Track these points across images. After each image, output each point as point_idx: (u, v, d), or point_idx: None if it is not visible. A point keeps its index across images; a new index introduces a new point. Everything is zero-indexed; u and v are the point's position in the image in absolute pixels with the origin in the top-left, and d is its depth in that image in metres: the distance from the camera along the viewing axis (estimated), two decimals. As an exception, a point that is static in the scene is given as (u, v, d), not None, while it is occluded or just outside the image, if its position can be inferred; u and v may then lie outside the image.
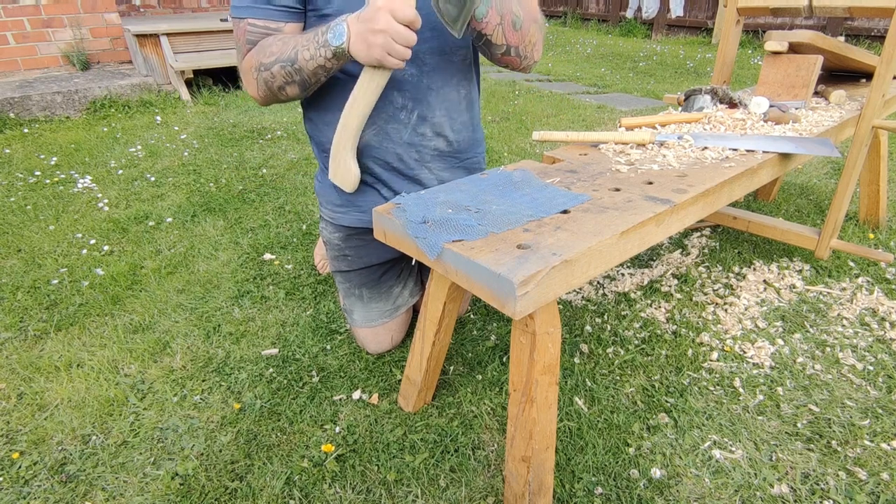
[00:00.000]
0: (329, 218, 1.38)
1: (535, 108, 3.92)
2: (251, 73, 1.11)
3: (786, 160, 1.30)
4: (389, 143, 1.23)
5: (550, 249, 0.82)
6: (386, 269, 1.45)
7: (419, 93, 1.19)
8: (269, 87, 1.11)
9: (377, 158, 1.25)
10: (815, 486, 1.09)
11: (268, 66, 1.07)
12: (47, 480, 1.14)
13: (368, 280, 1.43)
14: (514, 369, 0.93)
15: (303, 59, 1.03)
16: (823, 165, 2.70)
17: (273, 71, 1.07)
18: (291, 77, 1.06)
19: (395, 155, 1.25)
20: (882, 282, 1.73)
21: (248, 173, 2.79)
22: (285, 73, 1.06)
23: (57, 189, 2.60)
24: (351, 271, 1.43)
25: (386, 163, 1.25)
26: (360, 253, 1.39)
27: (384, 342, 1.46)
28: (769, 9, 1.64)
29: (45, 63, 4.24)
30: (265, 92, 1.13)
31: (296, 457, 1.18)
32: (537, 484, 0.98)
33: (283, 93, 1.11)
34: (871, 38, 5.42)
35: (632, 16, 7.81)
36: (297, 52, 1.03)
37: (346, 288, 1.45)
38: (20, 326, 1.62)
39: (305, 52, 1.02)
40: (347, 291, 1.45)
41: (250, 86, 1.14)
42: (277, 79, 1.08)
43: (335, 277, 1.48)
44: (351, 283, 1.44)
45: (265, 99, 1.16)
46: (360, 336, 1.47)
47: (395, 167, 1.27)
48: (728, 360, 1.44)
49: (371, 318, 1.43)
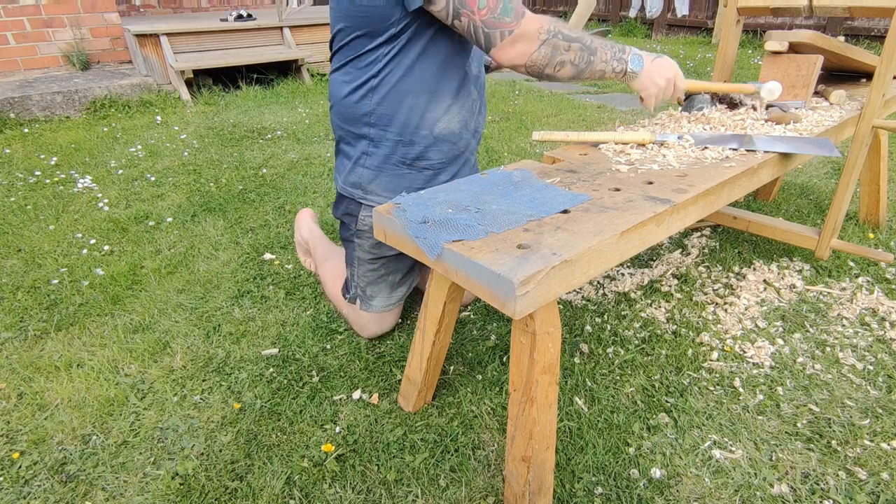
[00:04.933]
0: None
1: (535, 108, 3.92)
2: (538, 36, 1.13)
3: (786, 160, 1.30)
4: (465, 132, 1.39)
5: (550, 249, 0.82)
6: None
7: (480, 87, 1.40)
8: (553, 56, 1.15)
9: (454, 145, 1.37)
10: (815, 485, 1.09)
11: (569, 38, 1.15)
12: (47, 480, 1.14)
13: (402, 266, 1.49)
14: (514, 369, 0.93)
15: (599, 60, 1.19)
16: (823, 165, 2.70)
17: (572, 46, 1.16)
18: (580, 61, 1.17)
19: (465, 142, 1.41)
20: (882, 282, 1.73)
21: (248, 173, 2.79)
22: (580, 55, 1.17)
23: (57, 189, 2.60)
24: (390, 257, 1.46)
25: (458, 148, 1.39)
26: None
27: (386, 324, 1.54)
28: (769, 9, 1.64)
29: (45, 63, 4.24)
30: (544, 57, 1.15)
31: (296, 457, 1.18)
32: (537, 484, 0.98)
33: (558, 67, 1.17)
34: (871, 38, 5.42)
35: (634, 15, 7.80)
36: (597, 49, 1.18)
37: (379, 275, 1.48)
38: (20, 326, 1.62)
39: (604, 54, 1.19)
40: (380, 278, 1.48)
41: (529, 45, 1.14)
42: (569, 54, 1.16)
43: (363, 267, 1.48)
44: (388, 269, 1.48)
45: (535, 62, 1.16)
46: (364, 320, 1.51)
47: (461, 153, 1.41)
48: (728, 359, 1.44)
49: (391, 303, 1.51)
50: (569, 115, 3.71)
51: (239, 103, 4.17)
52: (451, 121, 1.32)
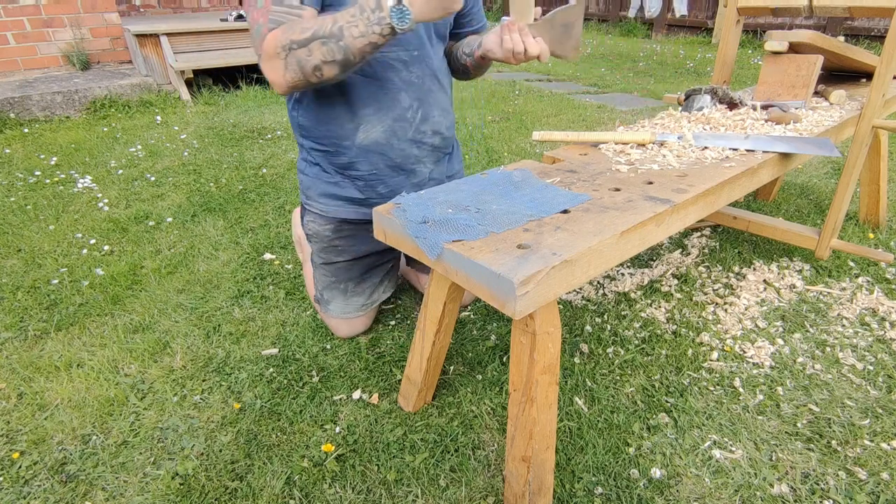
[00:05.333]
0: (321, 211, 1.41)
1: (535, 108, 3.92)
2: (278, 56, 1.03)
3: (786, 160, 1.30)
4: (396, 141, 1.32)
5: (550, 249, 0.82)
6: (372, 266, 1.50)
7: (422, 93, 1.30)
8: (303, 68, 1.03)
9: (383, 155, 1.32)
10: (815, 485, 1.09)
11: (303, 42, 1.01)
12: (47, 480, 1.14)
13: (355, 275, 1.48)
14: (514, 369, 0.93)
15: (352, 38, 0.98)
16: (823, 165, 2.70)
17: (311, 48, 1.01)
18: (333, 55, 1.01)
19: (399, 151, 1.34)
20: (882, 282, 1.73)
21: (248, 173, 2.78)
22: (327, 50, 1.00)
23: (57, 189, 2.60)
24: (339, 264, 1.46)
25: (390, 159, 1.34)
26: (350, 243, 1.44)
27: (356, 328, 1.54)
28: (769, 9, 1.64)
29: (45, 63, 4.24)
30: (295, 74, 1.05)
31: (296, 457, 1.18)
32: (537, 484, 0.98)
33: (318, 73, 1.04)
34: (871, 38, 5.42)
35: (633, 15, 7.80)
36: (343, 30, 0.98)
37: (330, 281, 1.49)
38: (20, 326, 1.62)
39: (354, 29, 0.98)
40: (331, 284, 1.49)
41: (275, 69, 1.05)
42: (315, 56, 1.01)
43: (318, 270, 1.51)
44: (337, 277, 1.48)
45: (292, 82, 1.07)
46: (332, 323, 1.53)
47: (397, 163, 1.35)
48: (728, 359, 1.44)
49: (347, 310, 1.50)
50: (569, 115, 3.71)
51: (239, 103, 4.17)
52: (372, 131, 1.27)
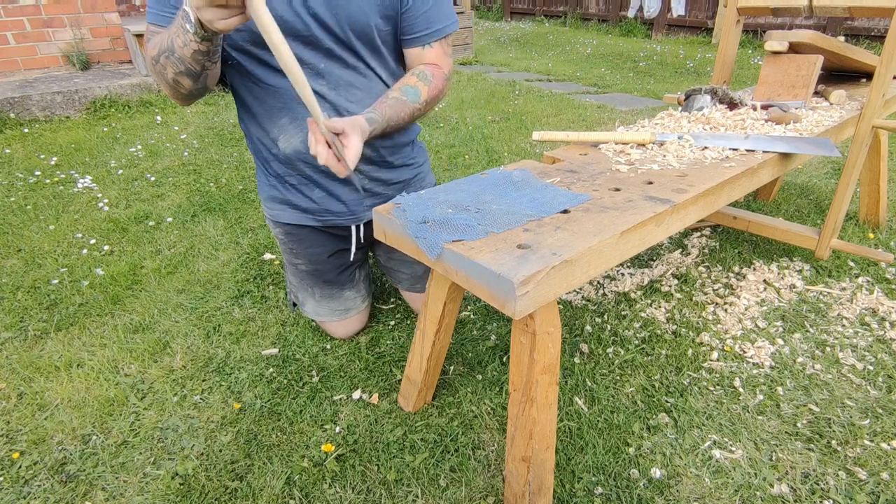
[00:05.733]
0: (269, 216, 1.44)
1: (535, 108, 3.92)
2: (153, 66, 1.07)
3: (786, 160, 1.30)
4: None
5: (550, 249, 0.82)
6: (335, 269, 1.50)
7: (336, 104, 1.22)
8: (166, 81, 1.06)
9: (307, 162, 1.29)
10: (815, 485, 1.09)
11: (155, 58, 1.04)
12: (47, 480, 1.14)
13: (319, 280, 1.49)
14: (514, 369, 0.93)
15: (178, 47, 0.99)
16: (823, 165, 2.70)
17: (161, 62, 1.03)
18: (177, 67, 1.02)
19: None
20: (882, 282, 1.73)
21: (248, 173, 2.78)
22: (171, 63, 1.02)
23: (57, 189, 2.60)
24: (300, 267, 1.49)
25: (314, 167, 1.30)
26: (302, 245, 1.45)
27: (350, 329, 1.55)
28: (769, 9, 1.64)
29: (45, 63, 4.24)
30: (165, 87, 1.09)
31: (296, 457, 1.18)
32: (537, 484, 0.98)
33: (179, 85, 1.07)
34: (871, 38, 5.42)
35: (633, 16, 7.80)
36: (173, 41, 1.00)
37: (298, 282, 1.52)
38: (20, 326, 1.62)
39: (178, 39, 0.98)
40: (300, 286, 1.52)
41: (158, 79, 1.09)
42: (168, 70, 1.04)
43: (287, 272, 1.54)
44: (304, 282, 1.51)
45: (171, 95, 1.11)
46: (324, 325, 1.55)
47: (323, 170, 1.30)
48: (728, 359, 1.44)
49: (321, 313, 1.51)
50: (569, 115, 3.71)
51: (239, 103, 4.17)
52: (292, 139, 1.25)
